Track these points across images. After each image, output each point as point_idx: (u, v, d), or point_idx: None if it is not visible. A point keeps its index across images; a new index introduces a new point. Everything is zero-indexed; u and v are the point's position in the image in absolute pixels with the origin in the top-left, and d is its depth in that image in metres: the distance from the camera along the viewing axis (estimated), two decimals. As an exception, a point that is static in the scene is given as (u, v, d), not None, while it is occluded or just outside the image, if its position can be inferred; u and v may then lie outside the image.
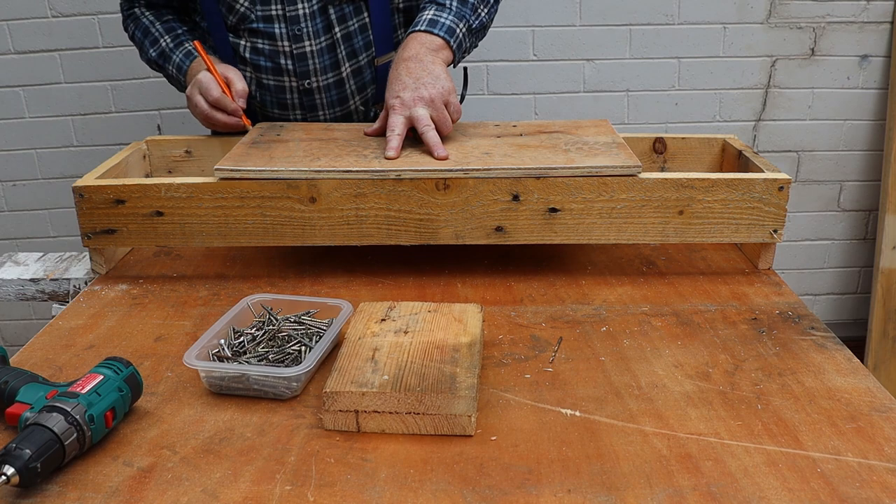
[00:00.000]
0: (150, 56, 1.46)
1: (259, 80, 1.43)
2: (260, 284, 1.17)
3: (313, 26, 1.37)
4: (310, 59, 1.39)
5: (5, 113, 2.35)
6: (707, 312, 1.07)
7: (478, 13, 1.35)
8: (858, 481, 0.74)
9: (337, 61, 1.41)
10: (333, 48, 1.40)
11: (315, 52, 1.39)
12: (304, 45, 1.38)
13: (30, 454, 0.71)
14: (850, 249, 2.59)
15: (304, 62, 1.39)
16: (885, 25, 2.33)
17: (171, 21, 1.47)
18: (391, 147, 1.18)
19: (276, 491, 0.73)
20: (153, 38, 1.45)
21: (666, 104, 2.41)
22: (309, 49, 1.38)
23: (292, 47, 1.38)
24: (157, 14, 1.48)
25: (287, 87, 1.43)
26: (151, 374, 0.93)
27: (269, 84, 1.43)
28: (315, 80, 1.42)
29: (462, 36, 1.32)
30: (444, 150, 1.17)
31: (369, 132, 1.29)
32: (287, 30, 1.37)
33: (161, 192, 1.14)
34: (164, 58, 1.44)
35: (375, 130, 1.29)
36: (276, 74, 1.41)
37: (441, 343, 0.90)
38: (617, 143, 1.23)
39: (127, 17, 1.51)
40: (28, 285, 1.25)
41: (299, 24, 1.36)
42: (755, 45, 2.34)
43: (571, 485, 0.74)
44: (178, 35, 1.44)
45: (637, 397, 0.88)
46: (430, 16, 1.30)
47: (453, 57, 1.32)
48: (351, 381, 0.83)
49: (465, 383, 0.82)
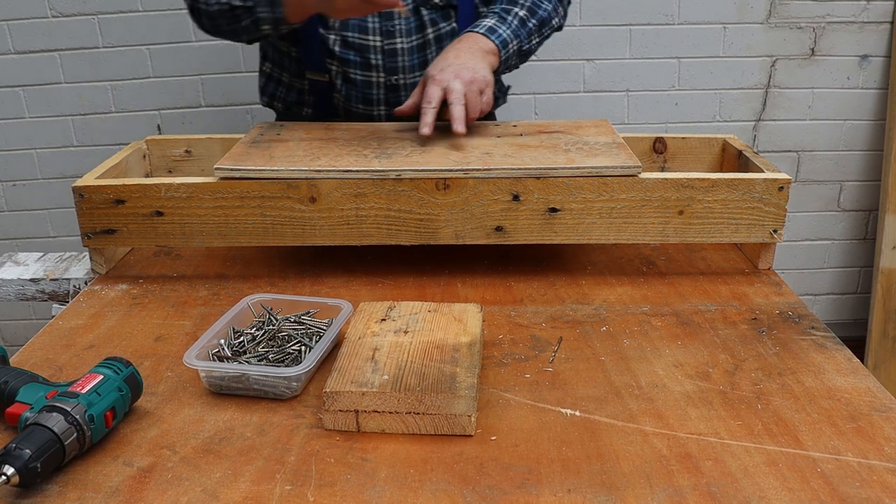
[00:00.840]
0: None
1: (346, 75, 1.41)
2: (260, 284, 1.17)
3: (406, 24, 1.38)
4: (399, 56, 1.39)
5: (5, 113, 2.35)
6: (707, 312, 1.07)
7: (531, 39, 1.40)
8: (858, 481, 0.74)
9: (426, 61, 1.41)
10: (424, 48, 1.41)
11: (406, 50, 1.39)
12: (395, 42, 1.38)
13: (30, 454, 0.71)
14: (850, 249, 2.59)
15: (395, 59, 1.40)
16: (885, 25, 2.32)
17: None
18: (426, 123, 1.19)
19: (276, 491, 0.73)
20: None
21: (666, 104, 2.41)
22: (400, 46, 1.39)
23: (384, 43, 1.38)
24: None
25: (374, 82, 1.42)
26: (151, 374, 0.93)
27: (356, 79, 1.41)
28: (402, 77, 1.42)
29: (512, 52, 1.35)
30: (463, 127, 1.19)
31: (403, 108, 1.28)
32: (381, 25, 1.37)
33: (161, 192, 1.14)
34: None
35: (410, 106, 1.28)
36: (365, 70, 1.41)
37: (441, 343, 0.90)
38: (617, 143, 1.23)
39: None
40: (28, 285, 1.25)
41: (393, 21, 1.37)
42: (755, 45, 2.34)
43: (571, 485, 0.74)
44: None
45: (637, 397, 0.88)
46: (490, 24, 1.34)
47: (498, 66, 1.33)
48: (351, 381, 0.83)
49: (465, 383, 0.82)
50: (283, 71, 1.50)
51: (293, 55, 1.45)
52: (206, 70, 2.32)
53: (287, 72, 1.49)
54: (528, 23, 1.39)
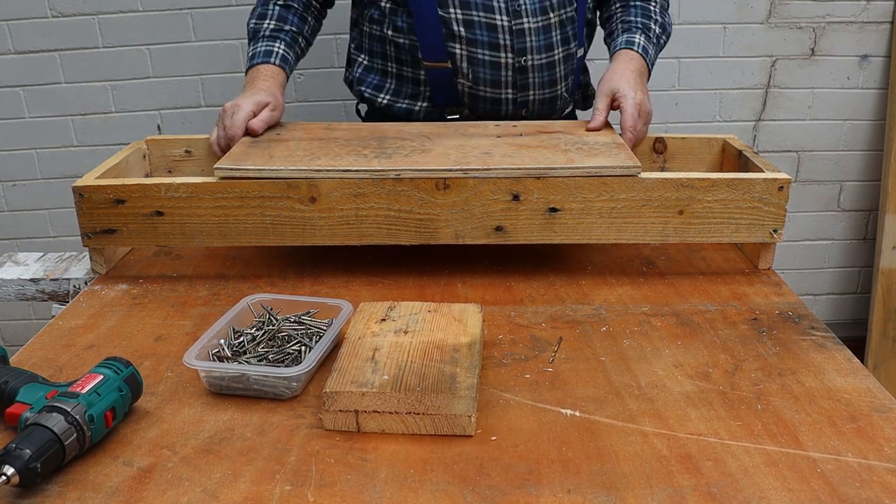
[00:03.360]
0: (249, 22, 1.47)
1: (472, 57, 1.40)
2: (260, 284, 1.17)
3: (531, 4, 1.38)
4: (527, 36, 1.39)
5: (5, 113, 2.35)
6: (707, 312, 1.07)
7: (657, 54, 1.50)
8: (858, 481, 0.74)
9: (551, 43, 1.42)
10: (549, 30, 1.41)
11: (533, 30, 1.39)
12: (522, 22, 1.38)
13: (30, 454, 0.71)
14: (850, 249, 2.59)
15: (522, 38, 1.39)
16: (885, 25, 2.32)
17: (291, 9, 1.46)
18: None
19: (276, 491, 0.73)
20: (264, 11, 1.46)
21: (666, 104, 2.40)
22: (528, 26, 1.38)
23: (512, 22, 1.37)
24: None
25: (503, 63, 1.40)
26: (151, 374, 0.93)
27: (483, 59, 1.40)
28: (530, 57, 1.41)
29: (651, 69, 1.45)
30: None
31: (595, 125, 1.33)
32: (507, 4, 1.37)
33: (161, 192, 1.14)
34: (255, 36, 1.45)
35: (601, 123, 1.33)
36: (493, 50, 1.39)
37: (441, 343, 0.90)
38: (617, 144, 1.23)
39: None
40: (28, 285, 1.25)
41: (518, 1, 1.37)
42: (755, 45, 2.34)
43: (571, 485, 0.74)
44: (281, 27, 1.45)
45: (637, 397, 0.88)
46: (643, 41, 1.42)
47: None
48: (351, 381, 0.83)
49: (465, 383, 0.82)
50: (389, 62, 1.48)
51: (408, 44, 1.43)
52: (206, 70, 2.32)
53: (395, 62, 1.47)
54: (661, 41, 1.48)
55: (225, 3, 2.25)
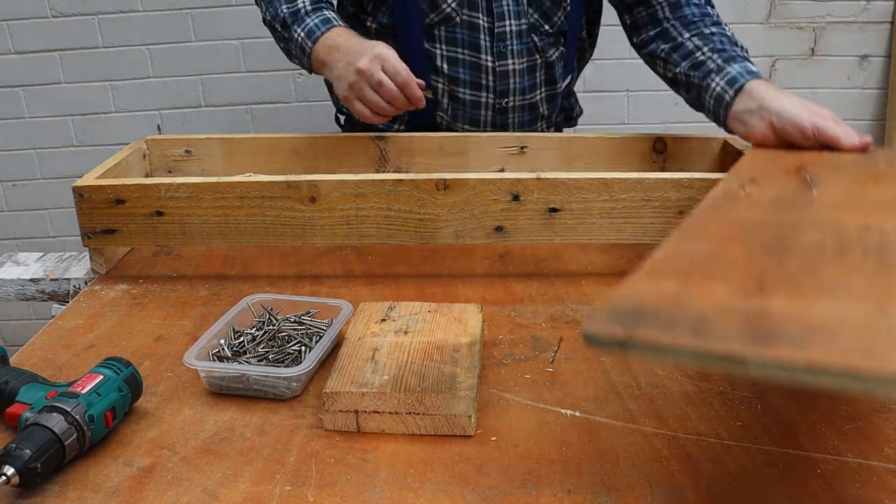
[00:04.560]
0: (278, 11, 1.27)
1: (453, 93, 1.37)
2: (260, 284, 1.17)
3: (518, 45, 1.33)
4: (511, 78, 1.35)
5: (5, 113, 2.35)
6: (707, 312, 1.07)
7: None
8: (858, 482, 0.74)
9: (535, 83, 1.39)
10: (533, 70, 1.37)
11: (517, 72, 1.35)
12: (507, 63, 1.34)
13: (30, 454, 0.71)
14: (850, 249, 2.59)
15: (506, 80, 1.35)
16: (885, 25, 2.32)
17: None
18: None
19: (276, 491, 0.73)
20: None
21: (666, 104, 2.40)
22: (511, 68, 1.34)
23: (496, 63, 1.33)
24: None
25: (483, 102, 1.38)
26: (151, 374, 0.93)
27: (464, 98, 1.37)
28: (512, 99, 1.38)
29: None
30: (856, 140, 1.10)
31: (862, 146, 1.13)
32: (492, 45, 1.32)
33: (161, 192, 1.14)
34: (296, 18, 1.25)
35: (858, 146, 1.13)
36: (475, 89, 1.36)
37: (441, 343, 0.90)
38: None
39: None
40: (28, 285, 1.25)
41: (505, 42, 1.32)
42: (755, 45, 2.34)
43: (571, 485, 0.74)
44: (319, 2, 1.28)
45: (637, 397, 0.88)
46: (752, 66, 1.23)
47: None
48: (351, 382, 0.83)
49: (465, 383, 0.82)
50: None
51: None
52: (206, 70, 2.32)
53: None
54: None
55: (225, 3, 2.26)
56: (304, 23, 1.25)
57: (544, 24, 1.32)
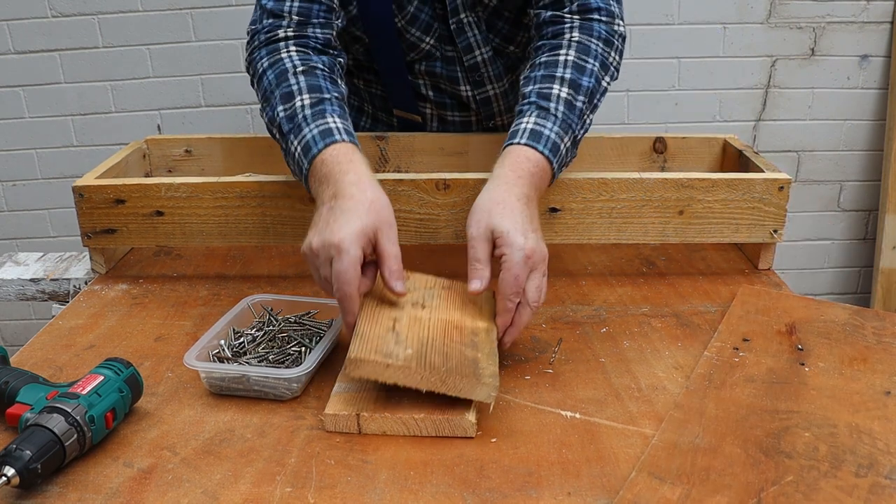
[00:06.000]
0: (274, 113, 1.05)
1: (441, 117, 1.38)
2: (260, 284, 1.17)
3: (494, 70, 1.32)
4: (493, 103, 1.36)
5: (5, 113, 2.35)
6: (707, 313, 1.07)
7: (584, 120, 1.07)
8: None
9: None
10: (515, 88, 1.36)
11: (499, 95, 1.35)
12: (486, 90, 1.34)
13: (30, 455, 0.71)
14: (850, 249, 2.59)
15: (489, 106, 1.36)
16: (885, 25, 2.32)
17: (318, 72, 1.07)
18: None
19: (277, 492, 0.73)
20: (287, 89, 1.05)
21: (666, 104, 2.41)
22: (492, 93, 1.35)
23: (475, 92, 1.33)
24: (304, 57, 1.09)
25: (472, 121, 1.39)
26: (151, 375, 0.93)
27: (453, 120, 1.39)
28: (500, 119, 1.40)
29: (565, 151, 1.03)
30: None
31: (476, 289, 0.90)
32: (469, 76, 1.31)
33: (161, 192, 1.14)
34: (293, 124, 1.02)
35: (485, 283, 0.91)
36: (463, 110, 1.38)
37: (459, 324, 0.90)
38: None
39: (262, 48, 1.11)
40: (28, 285, 1.25)
41: (479, 71, 1.31)
42: (755, 45, 2.34)
43: (571, 487, 0.74)
44: (321, 98, 1.03)
45: (637, 399, 0.88)
46: (531, 125, 1.02)
47: (551, 180, 1.03)
48: (375, 350, 0.82)
49: (487, 370, 0.82)
50: (365, 102, 1.44)
51: (379, 93, 1.39)
52: (206, 70, 2.32)
53: (371, 104, 1.43)
54: (576, 103, 1.05)
55: (225, 3, 2.25)
56: (298, 135, 1.01)
57: (508, 45, 1.32)
